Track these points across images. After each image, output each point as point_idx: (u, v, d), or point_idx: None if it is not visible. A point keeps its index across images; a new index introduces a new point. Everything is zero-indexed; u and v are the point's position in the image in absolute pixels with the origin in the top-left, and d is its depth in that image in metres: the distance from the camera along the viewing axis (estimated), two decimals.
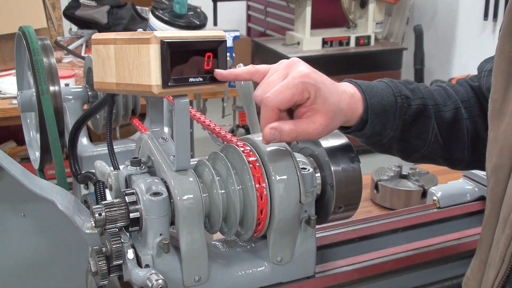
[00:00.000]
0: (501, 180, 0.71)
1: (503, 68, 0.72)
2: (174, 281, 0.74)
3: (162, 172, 0.75)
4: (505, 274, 0.71)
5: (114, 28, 2.93)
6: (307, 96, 0.74)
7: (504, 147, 0.71)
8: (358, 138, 0.88)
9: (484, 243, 0.76)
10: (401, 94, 0.86)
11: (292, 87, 0.73)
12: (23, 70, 1.15)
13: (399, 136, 0.87)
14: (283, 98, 0.73)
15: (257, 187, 0.73)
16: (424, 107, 0.87)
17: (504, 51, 0.71)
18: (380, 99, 0.84)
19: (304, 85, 0.74)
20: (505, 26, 0.71)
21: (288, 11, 4.51)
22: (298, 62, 0.77)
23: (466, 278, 0.80)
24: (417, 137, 0.88)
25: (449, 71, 4.80)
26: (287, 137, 0.74)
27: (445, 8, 4.81)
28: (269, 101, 0.73)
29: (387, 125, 0.84)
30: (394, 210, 1.27)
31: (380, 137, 0.85)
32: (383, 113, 0.84)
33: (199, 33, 0.70)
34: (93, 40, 0.76)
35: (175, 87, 0.68)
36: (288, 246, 0.79)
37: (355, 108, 0.82)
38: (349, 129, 0.85)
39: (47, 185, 0.80)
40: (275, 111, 0.73)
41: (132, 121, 1.15)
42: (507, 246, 0.70)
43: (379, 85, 0.86)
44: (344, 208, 0.82)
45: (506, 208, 0.70)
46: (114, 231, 0.72)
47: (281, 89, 0.73)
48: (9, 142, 3.13)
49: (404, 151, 0.90)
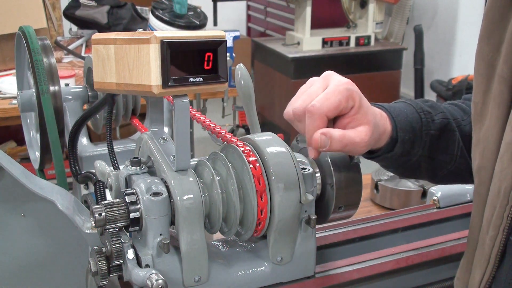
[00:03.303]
0: (484, 182, 0.72)
1: (482, 72, 0.72)
2: (174, 281, 0.74)
3: (162, 172, 0.75)
4: (491, 275, 0.71)
5: (114, 28, 2.93)
6: (351, 105, 0.72)
7: (485, 149, 0.71)
8: (386, 161, 0.85)
9: (470, 244, 0.76)
10: (423, 110, 0.85)
11: (338, 94, 0.71)
12: (23, 70, 1.15)
13: (427, 154, 0.85)
14: (330, 104, 0.70)
15: (257, 187, 0.73)
16: (447, 121, 0.86)
17: (482, 54, 0.72)
18: (405, 117, 0.82)
19: (349, 91, 0.72)
20: (483, 30, 0.72)
21: (288, 11, 4.52)
22: (335, 74, 0.75)
23: (456, 278, 0.81)
24: (444, 152, 0.86)
25: (449, 71, 4.81)
26: (337, 145, 0.71)
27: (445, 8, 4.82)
28: (316, 109, 0.70)
29: (415, 142, 0.83)
30: (394, 210, 1.27)
31: (409, 156, 0.84)
32: (411, 130, 0.82)
33: (199, 33, 0.70)
34: (93, 40, 0.76)
35: (175, 87, 0.68)
36: (288, 246, 0.79)
37: (385, 126, 0.80)
38: (378, 152, 0.83)
39: (47, 185, 0.80)
40: (324, 119, 0.71)
41: (132, 121, 1.15)
42: (491, 247, 0.70)
43: (400, 105, 0.85)
44: (344, 208, 0.82)
45: (489, 210, 0.70)
46: (114, 231, 0.72)
47: (327, 96, 0.71)
48: (9, 142, 3.13)
49: (431, 169, 0.88)
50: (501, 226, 0.68)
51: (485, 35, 0.71)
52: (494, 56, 0.70)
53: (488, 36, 0.71)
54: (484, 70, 0.72)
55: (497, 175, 0.68)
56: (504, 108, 0.68)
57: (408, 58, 4.43)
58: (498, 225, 0.69)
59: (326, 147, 0.71)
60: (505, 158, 0.67)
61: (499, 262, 0.71)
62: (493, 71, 0.70)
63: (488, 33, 0.71)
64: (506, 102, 0.68)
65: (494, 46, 0.70)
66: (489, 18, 0.71)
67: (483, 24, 0.72)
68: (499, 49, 0.69)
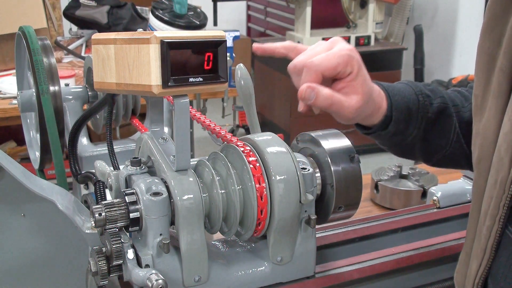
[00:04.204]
0: (482, 173, 0.73)
1: (483, 65, 0.73)
2: (174, 281, 0.74)
3: (162, 172, 0.75)
4: (487, 266, 0.72)
5: (114, 28, 2.93)
6: (349, 71, 0.75)
7: (484, 141, 0.72)
8: (381, 139, 0.88)
9: (468, 237, 0.77)
10: (422, 92, 0.87)
11: (339, 57, 0.74)
12: (23, 70, 1.15)
13: (422, 136, 0.87)
14: (328, 64, 0.73)
15: (257, 187, 0.73)
16: (445, 105, 0.88)
17: (484, 48, 0.73)
18: (402, 97, 0.85)
19: (350, 57, 0.75)
20: (485, 24, 0.72)
21: (288, 11, 4.52)
22: (342, 40, 0.78)
23: (455, 272, 0.82)
24: (440, 136, 0.88)
25: (449, 71, 4.80)
26: (323, 102, 0.74)
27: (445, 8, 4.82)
28: (314, 65, 0.74)
29: (411, 123, 0.85)
30: (394, 210, 1.27)
31: (403, 136, 0.86)
32: (407, 111, 0.84)
33: (199, 33, 0.70)
34: (93, 40, 0.76)
35: (175, 87, 0.68)
36: (288, 246, 0.79)
37: (380, 103, 0.83)
38: (373, 128, 0.85)
39: (47, 185, 0.80)
40: (318, 77, 0.74)
41: (132, 121, 1.15)
42: (487, 237, 0.71)
43: (400, 85, 0.88)
44: (344, 208, 0.82)
45: (487, 200, 0.71)
46: (114, 231, 0.72)
47: (328, 56, 0.74)
48: (9, 142, 3.13)
49: (426, 151, 0.90)
50: (497, 216, 0.69)
51: (487, 29, 0.72)
52: (495, 50, 0.71)
53: (489, 30, 0.71)
54: (484, 63, 0.72)
55: (494, 166, 0.69)
56: (503, 99, 0.69)
57: (408, 58, 4.43)
58: (494, 215, 0.69)
59: (310, 101, 0.74)
60: (502, 149, 0.67)
61: (495, 253, 0.71)
62: (494, 64, 0.71)
63: (489, 27, 0.71)
64: (504, 94, 0.69)
65: (495, 40, 0.71)
66: (491, 12, 0.71)
67: (485, 18, 0.72)
68: (500, 43, 0.70)
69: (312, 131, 0.86)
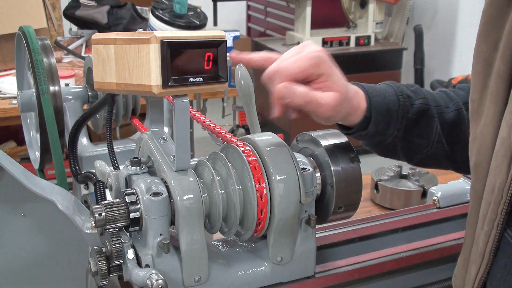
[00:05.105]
0: (480, 178, 0.72)
1: (480, 69, 0.73)
2: (174, 281, 0.74)
3: (162, 172, 0.75)
4: (485, 271, 0.72)
5: (114, 28, 2.93)
6: (319, 72, 0.75)
7: (481, 146, 0.72)
8: (362, 139, 0.88)
9: (467, 241, 0.77)
10: (403, 93, 0.87)
11: (307, 60, 0.75)
12: (23, 70, 1.15)
13: (403, 136, 0.87)
14: (297, 67, 0.74)
15: (257, 187, 0.73)
16: (426, 106, 0.88)
17: (480, 52, 0.72)
18: (382, 98, 0.85)
19: (320, 59, 0.75)
20: (481, 28, 0.72)
21: (288, 11, 4.51)
22: (312, 43, 0.79)
23: (454, 276, 0.82)
24: (421, 137, 0.88)
25: (449, 71, 4.80)
26: (299, 99, 0.74)
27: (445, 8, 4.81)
28: (284, 69, 0.74)
29: (391, 124, 0.85)
30: (394, 210, 1.27)
31: (383, 136, 0.86)
32: (386, 112, 0.84)
33: (199, 33, 0.70)
34: (93, 40, 0.76)
35: (175, 87, 0.68)
36: (288, 246, 0.79)
37: (359, 103, 0.83)
38: (352, 129, 0.85)
39: (47, 185, 0.80)
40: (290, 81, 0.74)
41: (132, 121, 1.15)
42: (486, 242, 0.71)
43: (381, 86, 0.88)
44: (344, 208, 0.82)
45: (485, 206, 0.71)
46: (114, 231, 0.72)
47: (296, 60, 0.75)
48: (9, 142, 3.13)
49: (408, 151, 0.90)
50: (496, 221, 0.69)
51: (483, 33, 0.72)
52: (491, 54, 0.70)
53: (486, 34, 0.71)
54: (481, 68, 0.72)
55: (492, 171, 0.69)
56: (500, 104, 0.69)
57: (408, 58, 4.43)
58: (492, 220, 0.69)
59: (288, 99, 0.74)
60: (499, 154, 0.67)
61: (493, 257, 0.71)
62: (490, 69, 0.71)
63: (486, 31, 0.71)
64: (502, 99, 0.69)
65: (491, 44, 0.70)
66: (487, 16, 0.71)
67: (481, 22, 0.72)
68: (497, 47, 0.70)
69: (312, 131, 0.86)
